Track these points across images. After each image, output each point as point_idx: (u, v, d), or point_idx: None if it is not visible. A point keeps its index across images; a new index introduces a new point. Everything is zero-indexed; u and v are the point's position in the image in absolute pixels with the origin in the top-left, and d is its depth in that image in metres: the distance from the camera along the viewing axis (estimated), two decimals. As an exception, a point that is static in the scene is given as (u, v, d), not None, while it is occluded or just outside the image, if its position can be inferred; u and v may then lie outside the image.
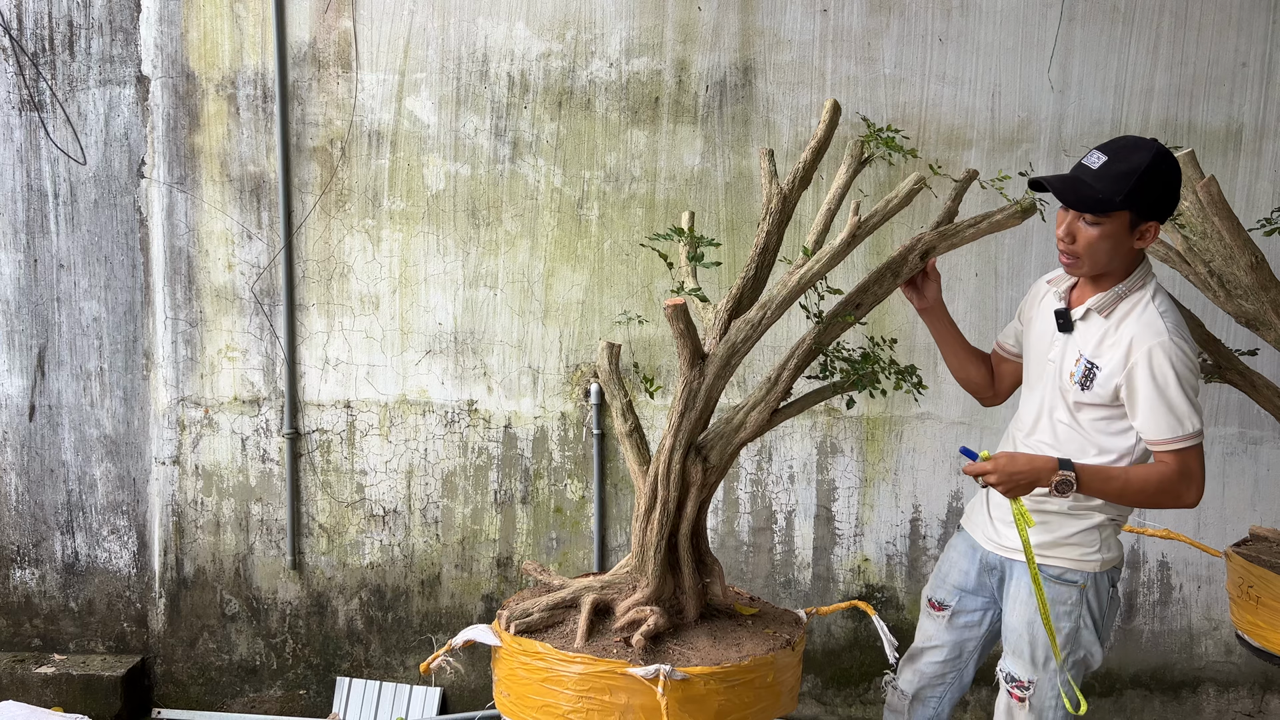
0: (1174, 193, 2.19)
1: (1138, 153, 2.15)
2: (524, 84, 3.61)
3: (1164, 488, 2.17)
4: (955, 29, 3.45)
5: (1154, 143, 2.17)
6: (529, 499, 3.78)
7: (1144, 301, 2.22)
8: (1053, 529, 2.31)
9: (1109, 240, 2.18)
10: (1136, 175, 2.13)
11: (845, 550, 3.70)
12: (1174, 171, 2.17)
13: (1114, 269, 2.25)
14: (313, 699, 3.93)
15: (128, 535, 3.91)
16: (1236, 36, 3.36)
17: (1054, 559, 2.31)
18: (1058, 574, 2.30)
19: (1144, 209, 2.17)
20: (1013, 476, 2.17)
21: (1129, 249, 2.21)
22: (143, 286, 3.79)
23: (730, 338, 2.21)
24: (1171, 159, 2.17)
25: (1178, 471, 2.16)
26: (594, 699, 2.12)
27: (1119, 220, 2.17)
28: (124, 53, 3.70)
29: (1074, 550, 2.30)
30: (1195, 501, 2.18)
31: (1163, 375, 2.14)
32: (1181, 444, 2.16)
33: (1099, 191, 2.15)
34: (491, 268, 3.69)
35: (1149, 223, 2.18)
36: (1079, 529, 2.29)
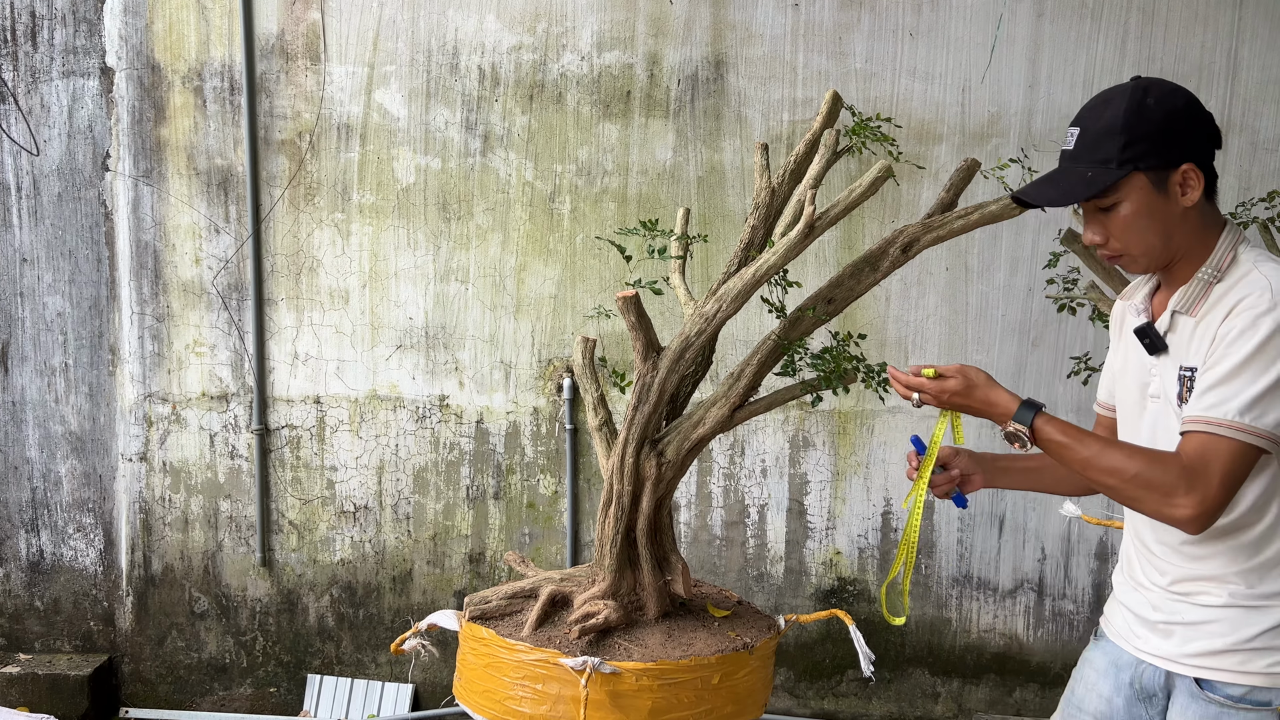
0: (1184, 120, 1.62)
1: (1110, 104, 1.65)
2: (495, 77, 3.58)
3: (1147, 480, 1.53)
4: (926, 24, 3.46)
5: (1129, 82, 1.67)
6: (501, 494, 3.76)
7: (1248, 276, 1.58)
8: (1221, 630, 1.58)
9: (1143, 215, 1.61)
10: (1119, 126, 1.61)
11: (817, 544, 3.72)
12: (1169, 99, 1.63)
13: (1184, 250, 1.65)
14: (283, 697, 3.90)
15: (94, 533, 3.86)
16: (1203, 32, 3.39)
17: (1228, 674, 1.58)
18: (1240, 695, 1.57)
19: (1153, 157, 1.60)
20: (957, 408, 1.74)
21: (1180, 213, 1.62)
22: (108, 281, 3.74)
23: (684, 330, 2.21)
24: (1161, 88, 1.64)
25: (1189, 460, 1.51)
26: (528, 687, 2.12)
27: (1135, 186, 1.61)
28: (88, 44, 3.64)
29: (1261, 659, 1.56)
30: (1193, 511, 1.50)
31: (1243, 337, 1.51)
32: (1224, 429, 1.49)
33: (1086, 169, 1.63)
34: (463, 262, 3.67)
35: (1176, 169, 1.60)
36: (1264, 627, 1.56)
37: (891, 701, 3.77)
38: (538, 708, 2.13)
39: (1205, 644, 1.60)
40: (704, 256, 3.57)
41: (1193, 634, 1.62)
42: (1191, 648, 1.62)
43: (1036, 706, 3.70)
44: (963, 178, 2.30)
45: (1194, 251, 1.65)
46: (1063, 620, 3.67)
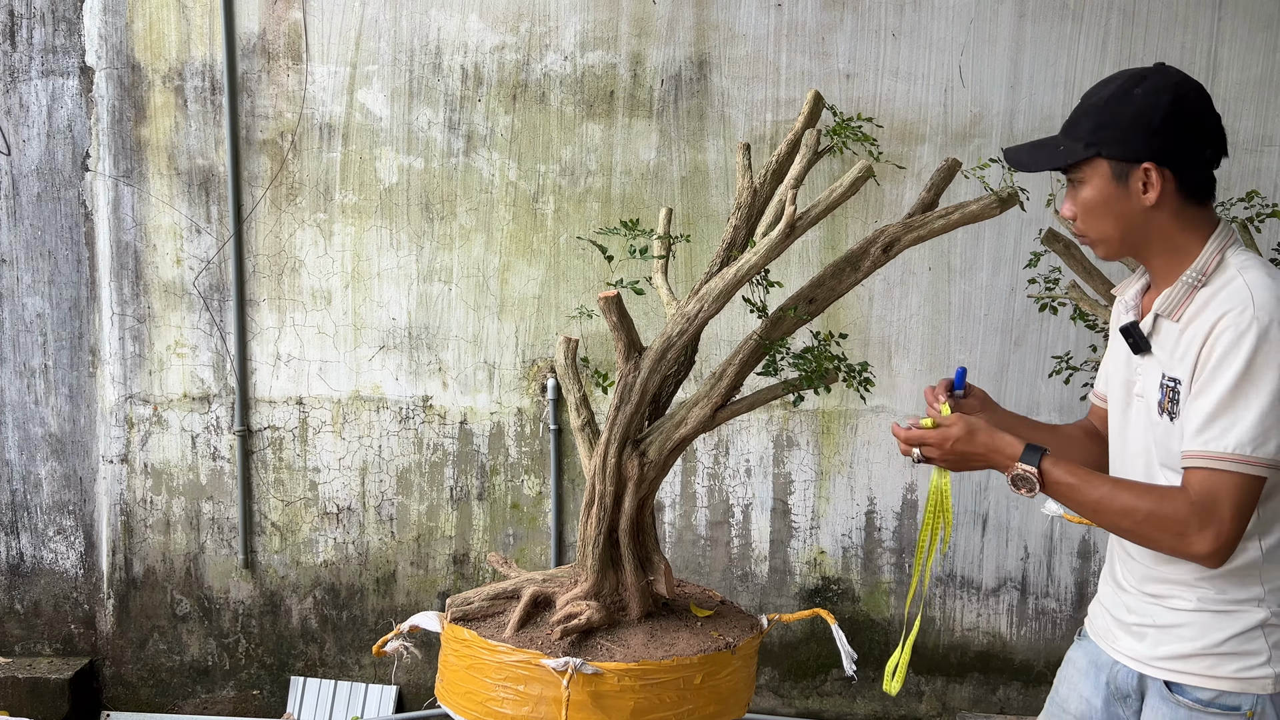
0: (1161, 119, 1.54)
1: (1111, 83, 1.61)
2: (478, 77, 3.58)
3: (1160, 518, 1.50)
4: (908, 24, 3.47)
5: (1142, 69, 1.61)
6: (485, 495, 3.75)
7: (1231, 284, 1.53)
8: (1191, 634, 1.59)
9: (1100, 202, 1.59)
10: (1099, 106, 1.59)
11: (801, 543, 3.72)
12: (1157, 94, 1.56)
13: (1153, 248, 1.62)
14: (266, 699, 3.88)
15: (74, 535, 3.83)
16: (1183, 33, 3.41)
17: (1197, 678, 1.58)
18: (1208, 699, 1.56)
19: (1116, 146, 1.56)
20: (961, 455, 1.66)
21: (1141, 211, 1.57)
22: (88, 282, 3.72)
23: (666, 330, 2.20)
24: (1160, 81, 1.57)
25: (1194, 501, 1.48)
26: (509, 688, 2.12)
27: (1098, 171, 1.59)
28: (67, 43, 3.62)
29: (1227, 663, 1.56)
30: (1210, 548, 1.48)
31: (1220, 357, 1.47)
32: (1227, 464, 1.46)
33: (1061, 142, 1.63)
34: (446, 262, 3.66)
35: (1138, 165, 1.56)
36: (1232, 632, 1.55)
37: (875, 700, 3.78)
38: (519, 709, 2.12)
39: (1175, 647, 1.59)
40: (687, 256, 3.57)
41: (1163, 637, 1.61)
42: (1162, 650, 1.61)
43: (1020, 705, 3.72)
44: (944, 177, 2.30)
45: (1174, 252, 1.60)
46: (1046, 619, 3.68)
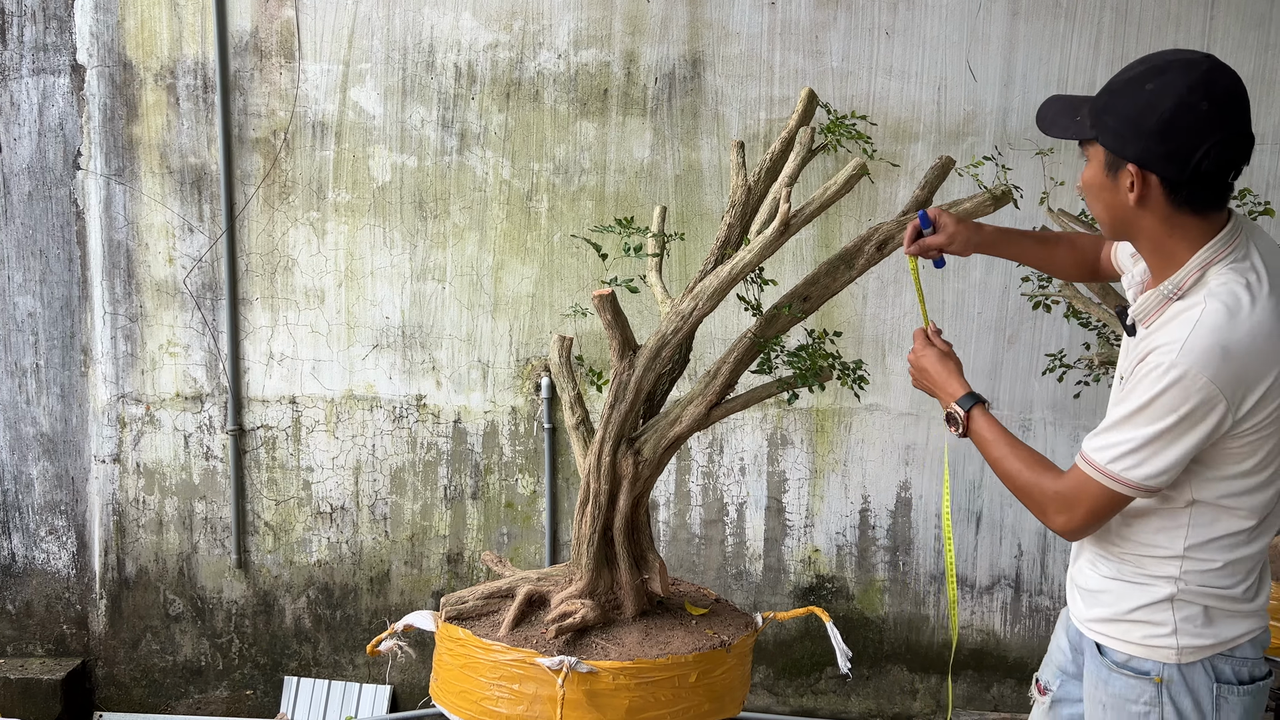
0: (1156, 123, 1.50)
1: (1143, 64, 1.55)
2: (471, 75, 3.57)
3: (1033, 490, 1.67)
4: (902, 23, 3.48)
5: (1178, 56, 1.53)
6: (479, 494, 3.75)
7: (1188, 312, 1.54)
8: (1109, 601, 1.71)
9: (1094, 185, 1.61)
10: (1114, 90, 1.56)
11: (796, 541, 3.72)
12: (1163, 96, 1.50)
13: (1143, 246, 1.63)
14: (260, 699, 3.87)
15: (66, 535, 3.82)
16: (1175, 32, 3.41)
17: (1115, 640, 1.70)
18: (1122, 661, 1.69)
19: (1110, 137, 1.55)
20: (922, 370, 1.88)
21: (1129, 207, 1.57)
22: (80, 281, 3.70)
23: (660, 329, 2.20)
24: (1179, 82, 1.49)
25: (1065, 488, 1.63)
26: (504, 687, 2.11)
27: (1096, 154, 1.60)
28: (58, 41, 3.60)
29: (1136, 629, 1.67)
30: (1060, 529, 1.66)
31: (1138, 381, 1.55)
32: (1099, 475, 1.59)
33: (1081, 112, 1.61)
34: (439, 261, 3.65)
35: (1125, 167, 1.54)
36: (1140, 603, 1.67)
37: (870, 698, 3.79)
38: (514, 708, 2.12)
39: (1098, 611, 1.73)
40: (681, 255, 3.57)
41: (1091, 600, 1.75)
42: (1090, 613, 1.75)
43: (1014, 702, 3.73)
44: (937, 175, 2.31)
45: (1161, 256, 1.60)
46: (1039, 616, 3.69)
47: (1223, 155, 1.51)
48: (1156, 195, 1.54)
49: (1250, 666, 1.68)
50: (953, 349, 1.92)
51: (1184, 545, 1.64)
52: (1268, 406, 1.53)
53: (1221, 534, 1.63)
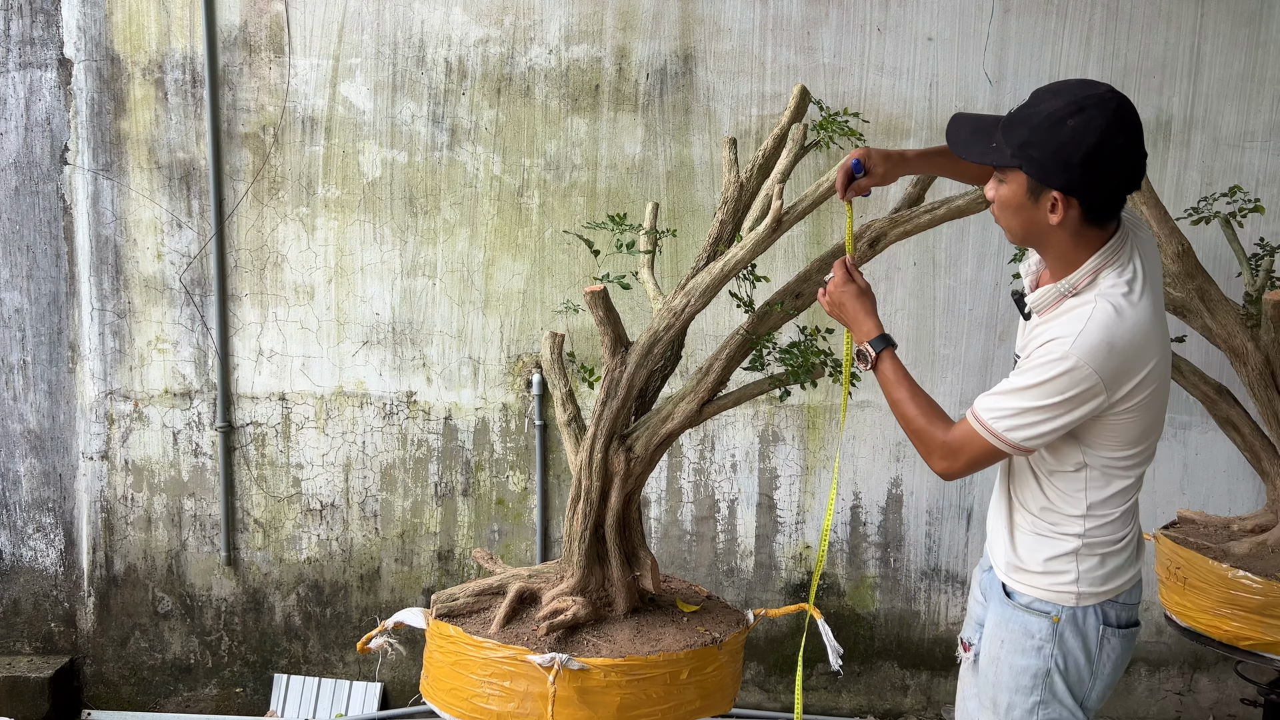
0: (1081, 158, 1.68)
1: (1055, 98, 1.73)
2: (462, 70, 3.55)
3: (924, 433, 1.88)
4: (893, 19, 3.47)
5: (1089, 91, 1.71)
6: (470, 491, 3.74)
7: (1081, 308, 1.77)
8: (1023, 552, 1.94)
9: (1012, 205, 1.78)
10: (1033, 123, 1.72)
11: (787, 538, 3.72)
12: (1084, 132, 1.68)
13: (1050, 253, 1.83)
14: (249, 697, 3.85)
15: (54, 533, 3.79)
16: (1166, 29, 3.42)
17: (1022, 585, 1.94)
18: (1026, 602, 1.94)
19: (1034, 167, 1.72)
20: (839, 304, 2.00)
21: (1048, 224, 1.76)
22: (67, 277, 3.68)
23: (652, 325, 2.20)
24: (1095, 119, 1.68)
25: (953, 439, 1.85)
26: (495, 684, 2.11)
27: (1016, 179, 1.76)
28: (45, 35, 3.57)
29: (1044, 578, 1.92)
30: (941, 471, 1.88)
31: (1037, 364, 1.77)
32: (984, 431, 1.81)
33: (996, 140, 1.77)
34: (430, 257, 3.63)
35: (1049, 192, 1.73)
36: (1048, 555, 1.91)
37: (861, 695, 3.79)
38: (505, 705, 2.11)
39: (1012, 561, 1.96)
40: (673, 251, 3.56)
41: (1005, 548, 1.98)
42: (1004, 560, 1.98)
43: (1004, 698, 3.73)
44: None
45: (1062, 261, 1.82)
46: (1029, 612, 3.70)
47: (1132, 179, 1.76)
48: (1074, 216, 1.76)
49: (1130, 611, 1.95)
50: (870, 288, 2.04)
51: (1086, 504, 1.88)
52: (1142, 392, 1.79)
53: (1115, 490, 1.88)
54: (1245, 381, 2.69)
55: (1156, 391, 1.81)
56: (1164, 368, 1.83)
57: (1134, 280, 1.78)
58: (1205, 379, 2.78)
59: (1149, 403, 1.81)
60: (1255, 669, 2.82)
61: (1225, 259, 3.22)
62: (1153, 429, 1.87)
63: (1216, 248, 3.25)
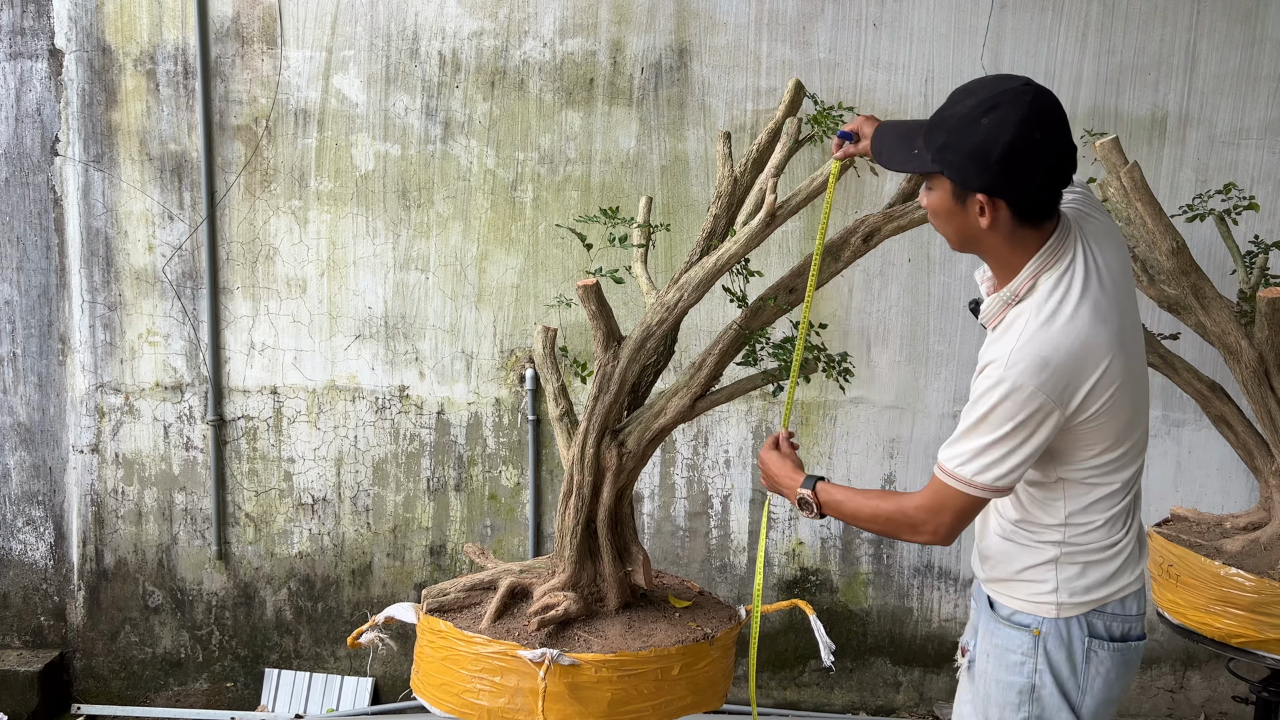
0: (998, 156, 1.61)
1: (968, 97, 1.65)
2: (455, 63, 3.54)
3: (897, 516, 1.79)
4: (889, 14, 3.46)
5: (1002, 88, 1.63)
6: (463, 486, 3.73)
7: (1016, 323, 1.70)
8: (999, 563, 1.88)
9: (942, 211, 1.72)
10: (948, 126, 1.65)
11: (780, 534, 3.72)
12: (1000, 129, 1.60)
13: (989, 257, 1.76)
14: (240, 691, 3.84)
15: (44, 526, 3.77)
16: (1162, 26, 3.41)
17: (1002, 596, 1.88)
18: (1007, 614, 1.87)
19: (955, 171, 1.65)
20: (766, 474, 2.00)
21: (979, 228, 1.69)
22: (57, 269, 3.65)
23: (645, 320, 2.19)
24: (1010, 114, 1.60)
25: (927, 500, 1.76)
26: (486, 680, 2.10)
27: (941, 184, 1.69)
28: (36, 25, 3.55)
29: (1022, 588, 1.85)
30: (931, 537, 1.78)
31: (978, 395, 1.70)
32: (956, 483, 1.73)
33: (918, 145, 1.70)
34: (423, 250, 3.62)
35: (974, 195, 1.66)
36: (1025, 564, 1.84)
37: (853, 691, 3.79)
38: (496, 700, 2.10)
39: (992, 571, 1.90)
40: (667, 246, 3.55)
41: (988, 561, 1.91)
42: (985, 573, 1.92)
43: (996, 694, 3.73)
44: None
45: (1004, 267, 1.74)
46: (1022, 609, 3.70)
47: (1058, 173, 1.66)
48: (1004, 217, 1.67)
49: (1124, 624, 1.84)
50: (795, 451, 2.05)
51: (1065, 514, 1.80)
52: (1101, 396, 1.68)
53: (1097, 498, 1.79)
54: (1239, 379, 2.69)
55: (1121, 391, 1.70)
56: (1124, 365, 1.70)
57: (1071, 282, 1.68)
58: (1199, 376, 2.77)
59: (1114, 405, 1.71)
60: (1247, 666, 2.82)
61: (1220, 256, 3.22)
62: (1130, 430, 1.76)
63: (1211, 245, 3.25)
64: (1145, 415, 1.80)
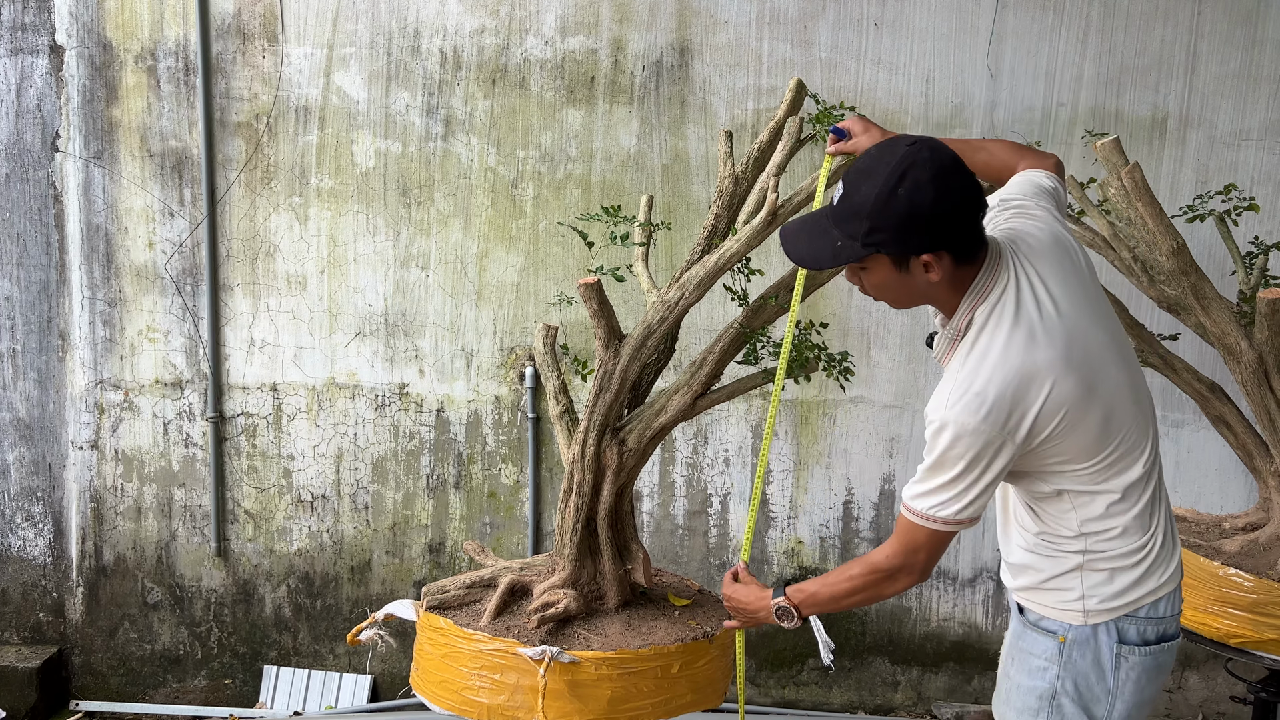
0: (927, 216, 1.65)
1: (869, 179, 1.68)
2: (457, 60, 3.54)
3: (871, 575, 1.82)
4: (891, 14, 3.46)
5: (899, 155, 1.67)
6: (462, 484, 3.73)
7: (960, 355, 1.73)
8: (1026, 573, 1.90)
9: (888, 284, 1.76)
10: (866, 210, 1.67)
11: (779, 533, 3.72)
12: (919, 192, 1.65)
13: (939, 302, 1.79)
14: (239, 688, 3.84)
15: (43, 522, 3.77)
16: (1163, 26, 3.42)
17: (1030, 602, 1.89)
18: (1035, 620, 1.88)
19: (893, 245, 1.68)
20: (738, 610, 2.01)
21: (926, 285, 1.73)
22: (58, 265, 3.65)
23: (646, 318, 2.19)
24: (920, 175, 1.65)
25: (897, 544, 1.80)
26: (485, 677, 2.10)
27: (878, 263, 1.72)
28: (37, 20, 3.55)
29: (1049, 595, 1.85)
30: (910, 578, 1.81)
31: (929, 440, 1.75)
32: (921, 520, 1.77)
33: (838, 238, 1.72)
34: (423, 248, 3.62)
35: (917, 258, 1.69)
36: (1051, 574, 1.84)
37: (852, 690, 3.79)
38: (496, 698, 2.10)
39: (1021, 581, 1.90)
40: (668, 244, 3.55)
41: (1016, 572, 1.92)
42: (1014, 583, 1.93)
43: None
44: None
45: (945, 306, 1.78)
46: (1020, 609, 3.70)
47: (977, 206, 1.70)
48: (948, 264, 1.71)
49: (1157, 626, 1.83)
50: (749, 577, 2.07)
51: (1079, 524, 1.80)
52: (1050, 423, 1.69)
53: (1106, 505, 1.78)
54: (1238, 379, 2.69)
55: (1076, 410, 1.69)
56: (1076, 383, 1.68)
57: (1003, 312, 1.71)
58: (1199, 376, 2.77)
59: (1070, 425, 1.70)
60: (1245, 667, 2.82)
61: (1220, 257, 3.22)
62: (1104, 440, 1.74)
63: (1211, 245, 3.25)
64: (1128, 420, 1.76)
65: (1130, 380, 1.79)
